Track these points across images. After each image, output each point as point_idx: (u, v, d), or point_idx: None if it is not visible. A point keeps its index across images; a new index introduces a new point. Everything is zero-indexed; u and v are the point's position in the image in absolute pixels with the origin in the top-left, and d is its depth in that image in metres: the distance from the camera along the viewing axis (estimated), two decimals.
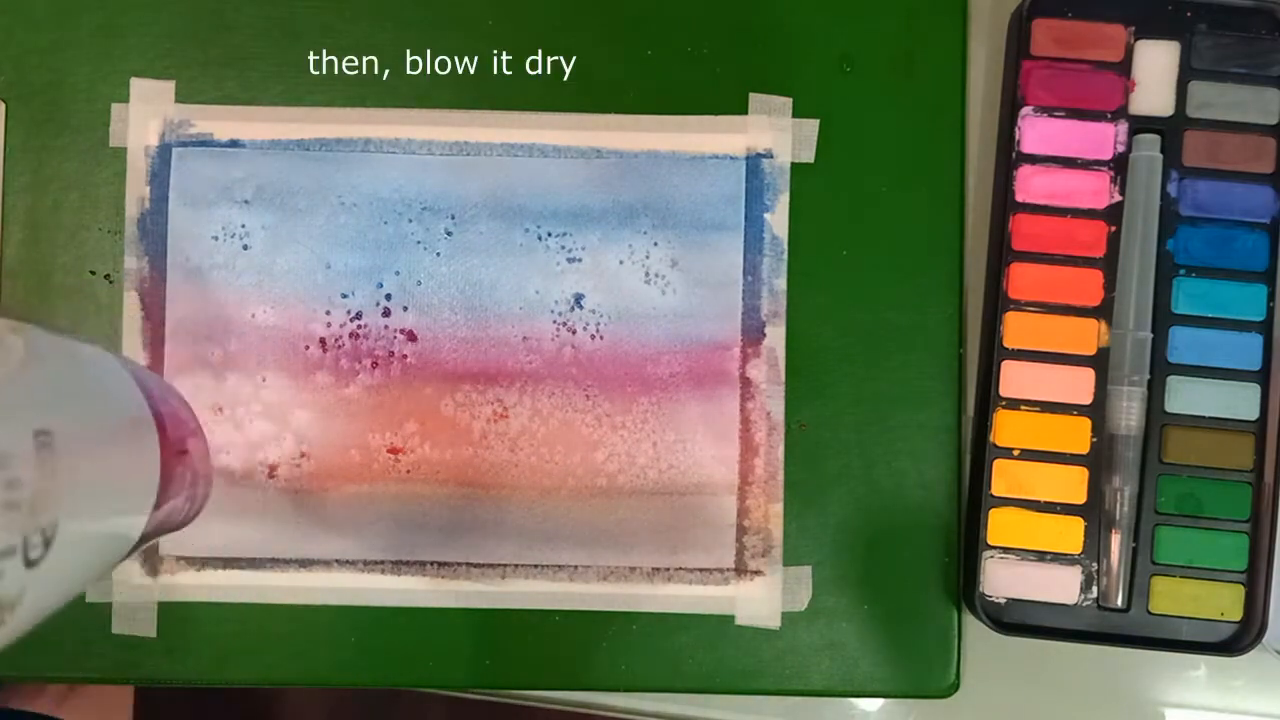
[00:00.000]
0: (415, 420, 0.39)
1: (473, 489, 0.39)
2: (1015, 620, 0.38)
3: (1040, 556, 0.38)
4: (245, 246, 0.39)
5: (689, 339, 0.39)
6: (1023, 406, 0.38)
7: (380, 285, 0.39)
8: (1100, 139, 0.38)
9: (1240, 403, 0.38)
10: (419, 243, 0.39)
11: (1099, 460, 0.38)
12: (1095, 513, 0.38)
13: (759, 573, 0.39)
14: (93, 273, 0.39)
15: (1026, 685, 0.40)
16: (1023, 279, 0.38)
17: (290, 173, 0.39)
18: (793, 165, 0.39)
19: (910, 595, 0.39)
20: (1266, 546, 0.37)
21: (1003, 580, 0.38)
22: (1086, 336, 0.38)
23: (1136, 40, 0.38)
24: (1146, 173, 0.38)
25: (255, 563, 0.39)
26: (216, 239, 0.39)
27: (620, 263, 0.39)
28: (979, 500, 0.38)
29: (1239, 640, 0.37)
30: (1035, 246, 0.38)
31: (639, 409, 0.39)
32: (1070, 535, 0.38)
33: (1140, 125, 0.38)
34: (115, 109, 0.39)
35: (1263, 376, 0.38)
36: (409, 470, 0.39)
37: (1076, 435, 0.38)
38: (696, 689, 0.39)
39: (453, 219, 0.39)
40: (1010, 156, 0.38)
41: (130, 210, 0.39)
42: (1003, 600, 0.38)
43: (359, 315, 0.39)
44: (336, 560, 0.39)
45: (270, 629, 0.38)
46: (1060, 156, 0.38)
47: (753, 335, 0.39)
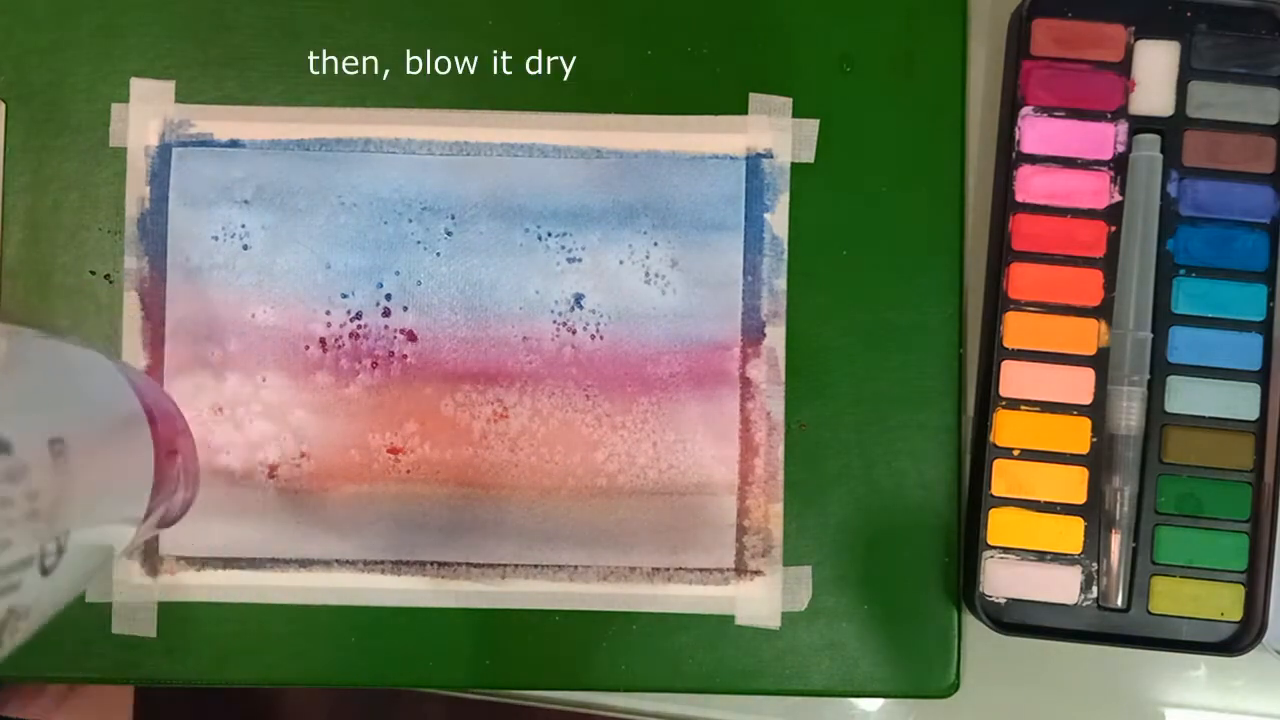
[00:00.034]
0: (415, 420, 0.39)
1: (473, 489, 0.39)
2: (1015, 620, 0.38)
3: (1040, 556, 0.38)
4: (245, 246, 0.39)
5: (689, 339, 0.39)
6: (1023, 406, 0.38)
7: (380, 285, 0.39)
8: (1100, 139, 0.38)
9: (1240, 403, 0.38)
10: (419, 243, 0.39)
11: (1099, 460, 0.38)
12: (1095, 513, 0.38)
13: (759, 573, 0.39)
14: (93, 273, 0.39)
15: (1026, 685, 0.40)
16: (1023, 279, 0.38)
17: (290, 173, 0.39)
18: (793, 165, 0.39)
19: (910, 595, 0.39)
20: (1266, 546, 0.37)
21: (1003, 580, 0.38)
22: (1086, 336, 0.38)
23: (1136, 40, 0.38)
24: (1146, 173, 0.38)
25: (255, 563, 0.39)
26: (216, 239, 0.39)
27: (620, 263, 0.39)
28: (979, 500, 0.38)
29: (1239, 640, 0.37)
30: (1035, 246, 0.38)
31: (639, 409, 0.39)
32: (1070, 535, 0.38)
33: (1140, 125, 0.38)
34: (115, 109, 0.39)
35: (1263, 376, 0.38)
36: (409, 470, 0.39)
37: (1076, 435, 0.38)
38: (696, 689, 0.39)
39: (453, 219, 0.39)
40: (1010, 156, 0.38)
41: (130, 210, 0.39)
42: (1003, 600, 0.38)
43: (359, 315, 0.39)
44: (336, 560, 0.39)
45: (270, 629, 0.38)
46: (1060, 156, 0.38)
47: (753, 335, 0.39)
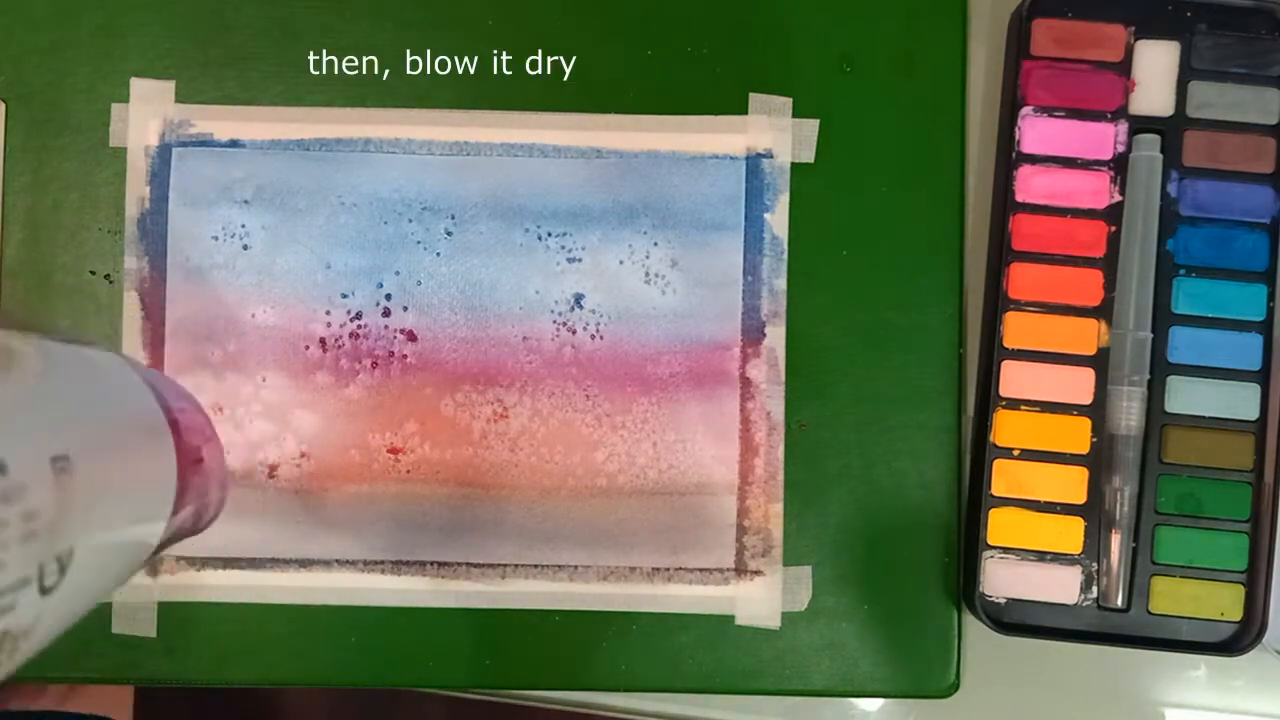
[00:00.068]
0: (415, 420, 0.39)
1: (473, 489, 0.39)
2: (1015, 620, 0.38)
3: (1040, 556, 0.38)
4: (245, 246, 0.39)
5: (689, 339, 0.39)
6: (1023, 406, 0.38)
7: (380, 285, 0.39)
8: (1100, 139, 0.38)
9: (1240, 403, 0.38)
10: (419, 243, 0.39)
11: (1099, 460, 0.38)
12: (1095, 513, 0.38)
13: (759, 573, 0.39)
14: (93, 273, 0.39)
15: (1026, 685, 0.40)
16: (1023, 279, 0.38)
17: (290, 173, 0.39)
18: (793, 165, 0.39)
19: (910, 595, 0.39)
20: (1266, 546, 0.37)
21: (1003, 580, 0.38)
22: (1086, 336, 0.38)
23: (1136, 40, 0.38)
24: (1146, 173, 0.38)
25: (255, 563, 0.39)
26: (216, 239, 0.39)
27: (620, 263, 0.39)
28: (979, 500, 0.38)
29: (1239, 640, 0.37)
30: (1035, 246, 0.38)
31: (639, 409, 0.39)
32: (1070, 535, 0.38)
33: (1140, 125, 0.38)
34: (115, 109, 0.39)
35: (1263, 376, 0.38)
36: (409, 470, 0.39)
37: (1076, 435, 0.38)
38: (696, 689, 0.39)
39: (453, 219, 0.39)
40: (1010, 156, 0.38)
41: (130, 210, 0.39)
42: (1003, 600, 0.38)
43: (359, 315, 0.39)
44: (336, 560, 0.39)
45: (270, 629, 0.38)
46: (1060, 156, 0.38)
47: (753, 335, 0.39)
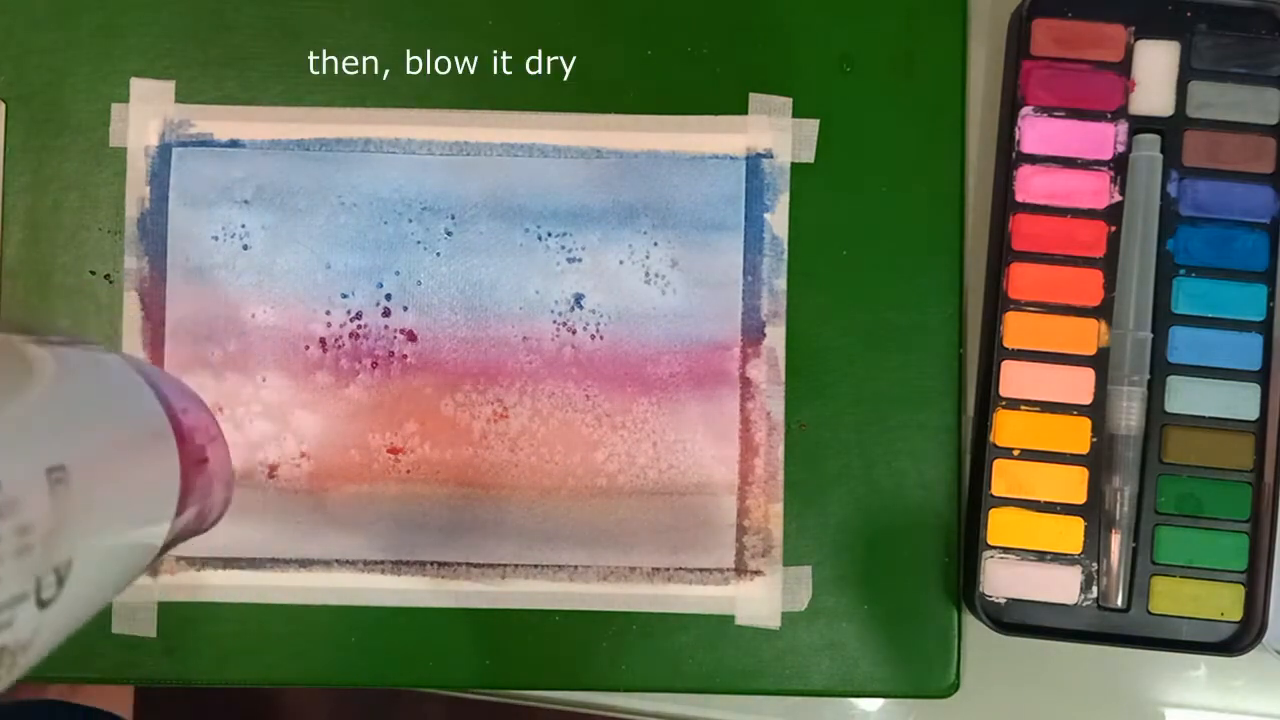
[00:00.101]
0: (415, 420, 0.39)
1: (473, 489, 0.39)
2: (1015, 620, 0.38)
3: (1040, 556, 0.38)
4: (245, 246, 0.39)
5: (689, 339, 0.39)
6: (1023, 406, 0.38)
7: (380, 285, 0.39)
8: (1100, 139, 0.38)
9: (1240, 403, 0.38)
10: (419, 243, 0.39)
11: (1099, 460, 0.38)
12: (1095, 513, 0.38)
13: (759, 573, 0.39)
14: (93, 273, 0.39)
15: (1026, 685, 0.40)
16: (1023, 279, 0.38)
17: (290, 173, 0.39)
18: (793, 165, 0.39)
19: (910, 595, 0.39)
20: (1266, 546, 0.37)
21: (1003, 580, 0.38)
22: (1086, 336, 0.38)
23: (1136, 40, 0.38)
24: (1146, 173, 0.38)
25: (255, 563, 0.39)
26: (216, 239, 0.39)
27: (620, 263, 0.39)
28: (979, 500, 0.38)
29: (1239, 640, 0.37)
30: (1035, 246, 0.38)
31: (639, 409, 0.39)
32: (1070, 535, 0.38)
33: (1140, 125, 0.38)
34: (115, 109, 0.39)
35: (1263, 376, 0.38)
36: (409, 470, 0.39)
37: (1076, 435, 0.38)
38: (696, 689, 0.39)
39: (453, 219, 0.39)
40: (1010, 156, 0.38)
41: (130, 210, 0.39)
42: (1003, 600, 0.38)
43: (359, 315, 0.39)
44: (336, 560, 0.39)
45: (270, 629, 0.38)
46: (1060, 156, 0.38)
47: (753, 335, 0.39)
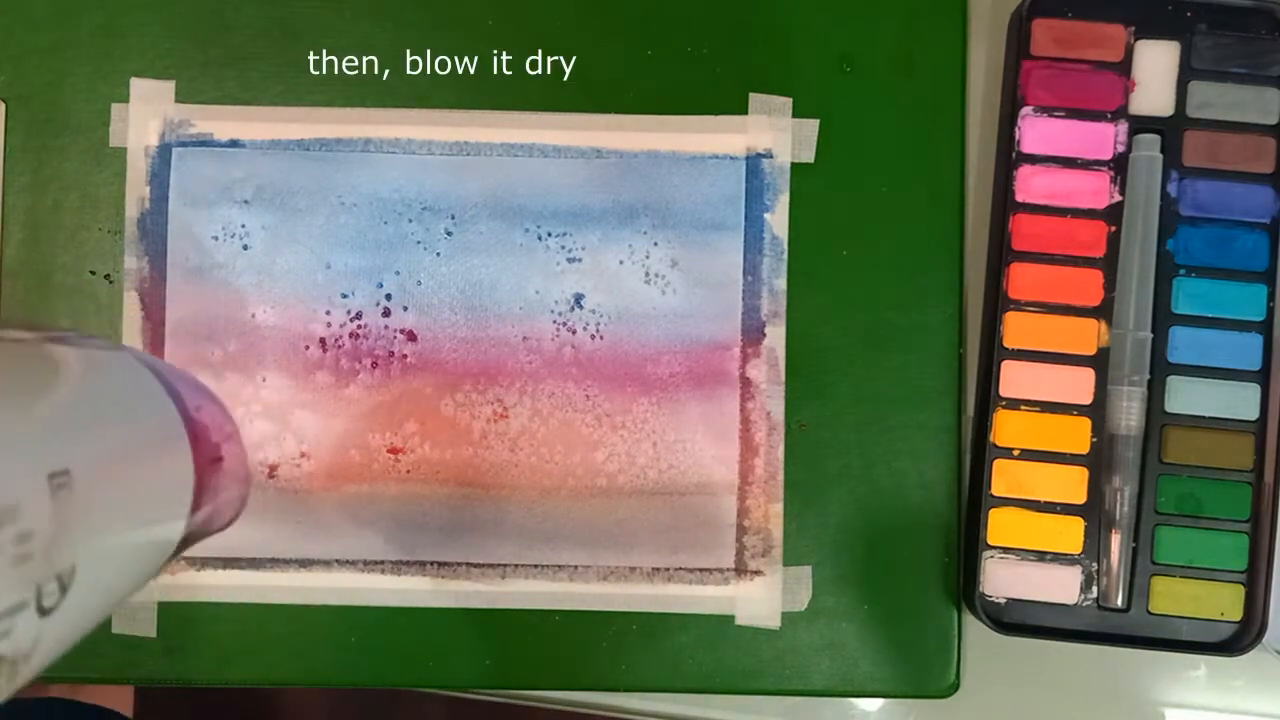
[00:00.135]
0: (415, 420, 0.39)
1: (473, 489, 0.39)
2: (1015, 620, 0.38)
3: (1040, 556, 0.38)
4: (245, 246, 0.39)
5: (689, 339, 0.39)
6: (1023, 406, 0.38)
7: (380, 285, 0.39)
8: (1100, 139, 0.38)
9: (1240, 403, 0.38)
10: (419, 243, 0.39)
11: (1099, 460, 0.38)
12: (1095, 513, 0.38)
13: (759, 573, 0.39)
14: (93, 273, 0.39)
15: (1026, 685, 0.40)
16: (1023, 279, 0.38)
17: (290, 173, 0.39)
18: (793, 165, 0.39)
19: (910, 595, 0.39)
20: (1266, 546, 0.37)
21: (1003, 580, 0.38)
22: (1086, 336, 0.38)
23: (1136, 40, 0.38)
24: (1146, 173, 0.38)
25: (255, 563, 0.39)
26: (216, 239, 0.39)
27: (620, 263, 0.39)
28: (979, 500, 0.38)
29: (1239, 640, 0.37)
30: (1035, 246, 0.38)
31: (639, 409, 0.39)
32: (1070, 535, 0.38)
33: (1140, 125, 0.38)
34: (115, 109, 0.39)
35: (1263, 376, 0.38)
36: (409, 470, 0.39)
37: (1076, 435, 0.38)
38: (696, 689, 0.39)
39: (453, 219, 0.39)
40: (1010, 156, 0.38)
41: (130, 210, 0.39)
42: (1003, 600, 0.38)
43: (359, 315, 0.39)
44: (336, 560, 0.39)
45: (270, 629, 0.38)
46: (1060, 156, 0.38)
47: (753, 335, 0.39)
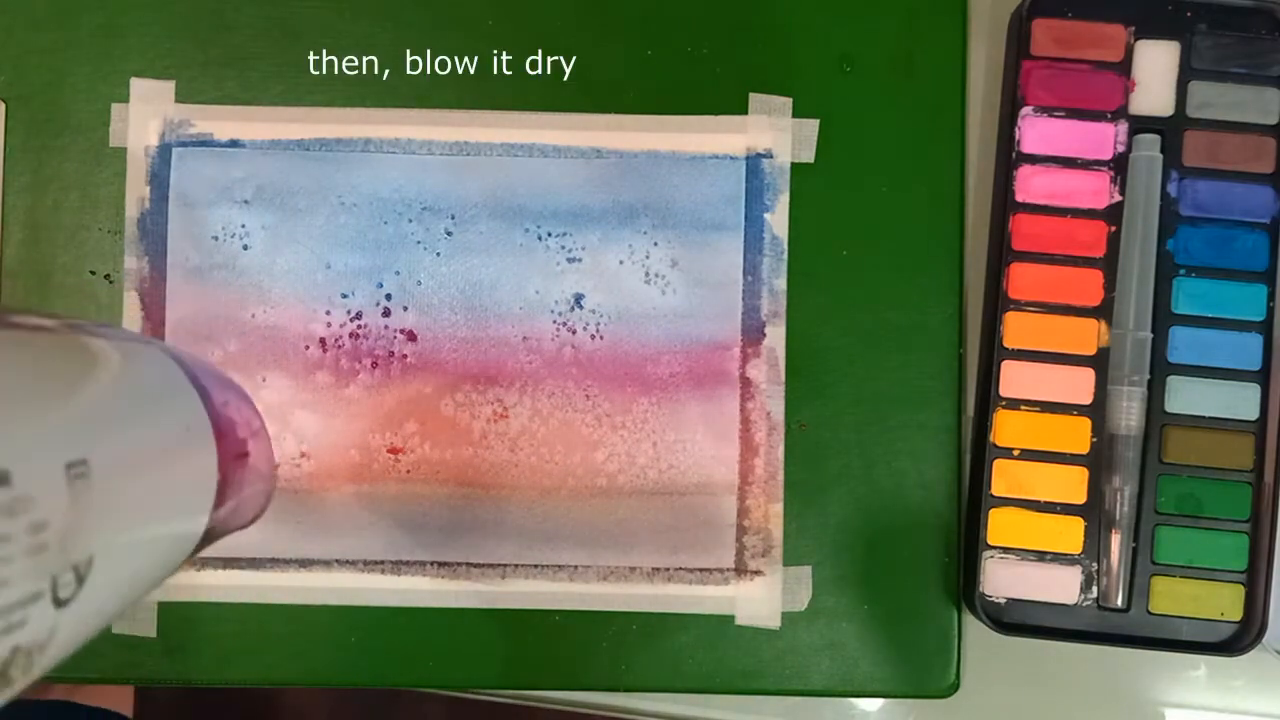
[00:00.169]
0: (415, 420, 0.39)
1: (473, 489, 0.39)
2: (1015, 620, 0.38)
3: (1040, 556, 0.38)
4: (245, 246, 0.39)
5: (689, 339, 0.39)
6: (1023, 406, 0.38)
7: (380, 285, 0.39)
8: (1100, 139, 0.38)
9: (1240, 403, 0.38)
10: (419, 243, 0.39)
11: (1099, 460, 0.38)
12: (1095, 513, 0.38)
13: (759, 573, 0.39)
14: (93, 273, 0.39)
15: (1026, 685, 0.40)
16: (1023, 279, 0.38)
17: (290, 173, 0.39)
18: (793, 165, 0.39)
19: (910, 595, 0.39)
20: (1266, 546, 0.37)
21: (1003, 580, 0.38)
22: (1086, 336, 0.38)
23: (1136, 40, 0.38)
24: (1146, 173, 0.38)
25: (255, 563, 0.39)
26: (216, 239, 0.39)
27: (620, 263, 0.39)
28: (979, 500, 0.38)
29: (1239, 640, 0.37)
30: (1035, 246, 0.38)
31: (639, 409, 0.39)
32: (1070, 535, 0.38)
33: (1140, 125, 0.38)
34: (115, 109, 0.39)
35: (1263, 376, 0.38)
36: (409, 470, 0.39)
37: (1076, 435, 0.38)
38: (696, 689, 0.39)
39: (453, 219, 0.39)
40: (1010, 156, 0.38)
41: (130, 210, 0.39)
42: (1003, 600, 0.38)
43: (359, 315, 0.39)
44: (336, 560, 0.39)
45: (270, 629, 0.38)
46: (1060, 156, 0.38)
47: (753, 335, 0.39)
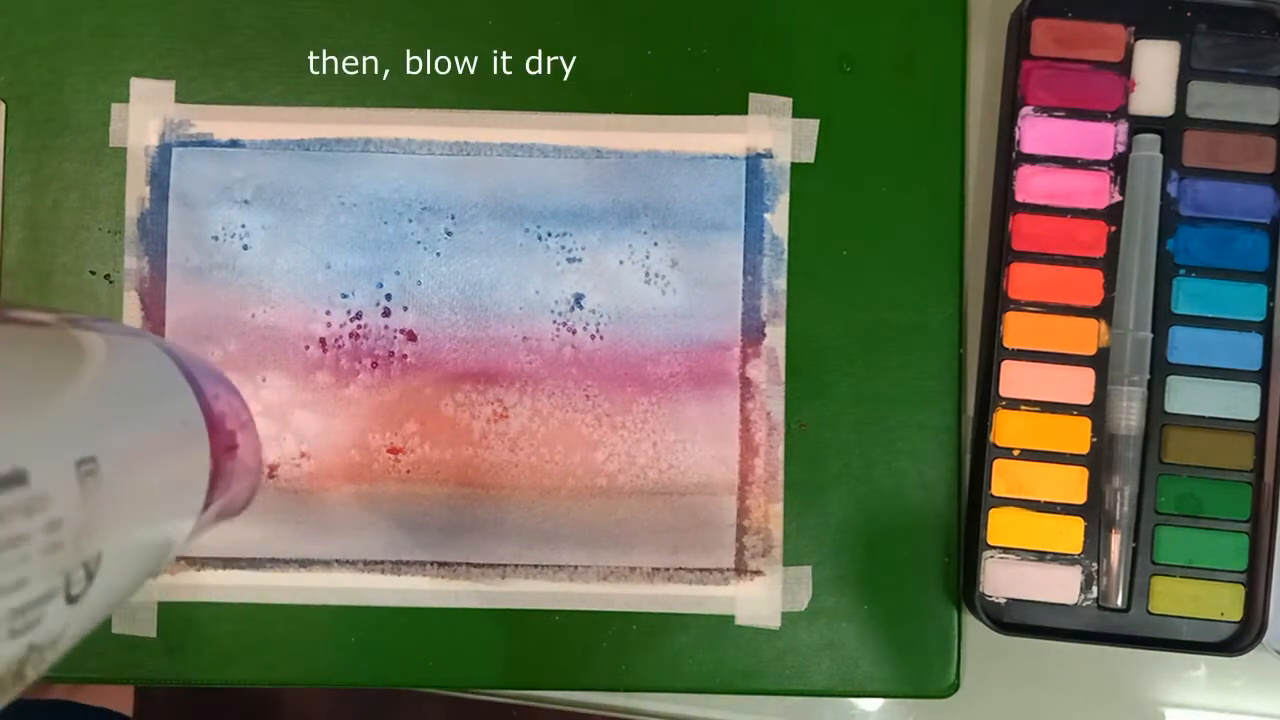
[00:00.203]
0: (415, 420, 0.39)
1: (473, 489, 0.39)
2: (1015, 620, 0.38)
3: (1040, 556, 0.38)
4: (245, 246, 0.39)
5: (689, 339, 0.39)
6: (1023, 406, 0.38)
7: (380, 285, 0.39)
8: (1100, 139, 0.38)
9: (1240, 403, 0.38)
10: (419, 243, 0.39)
11: (1099, 460, 0.38)
12: (1095, 513, 0.38)
13: (759, 573, 0.39)
14: (93, 273, 0.39)
15: (1026, 685, 0.40)
16: (1023, 279, 0.38)
17: (290, 173, 0.39)
18: (793, 165, 0.39)
19: (910, 595, 0.39)
20: (1266, 546, 0.37)
21: (1003, 580, 0.38)
22: (1086, 336, 0.38)
23: (1136, 40, 0.38)
24: (1146, 173, 0.38)
25: (255, 563, 0.39)
26: (216, 239, 0.39)
27: (620, 263, 0.39)
28: (979, 500, 0.38)
29: (1239, 640, 0.37)
30: (1035, 246, 0.38)
31: (639, 409, 0.39)
32: (1070, 535, 0.38)
33: (1140, 125, 0.38)
34: (115, 109, 0.39)
35: (1263, 376, 0.38)
36: (409, 470, 0.39)
37: (1076, 435, 0.38)
38: (696, 689, 0.39)
39: (453, 219, 0.39)
40: (1010, 156, 0.38)
41: (130, 210, 0.39)
42: (1003, 600, 0.38)
43: (359, 315, 0.39)
44: (336, 560, 0.39)
45: (270, 629, 0.38)
46: (1060, 156, 0.38)
47: (753, 335, 0.39)
